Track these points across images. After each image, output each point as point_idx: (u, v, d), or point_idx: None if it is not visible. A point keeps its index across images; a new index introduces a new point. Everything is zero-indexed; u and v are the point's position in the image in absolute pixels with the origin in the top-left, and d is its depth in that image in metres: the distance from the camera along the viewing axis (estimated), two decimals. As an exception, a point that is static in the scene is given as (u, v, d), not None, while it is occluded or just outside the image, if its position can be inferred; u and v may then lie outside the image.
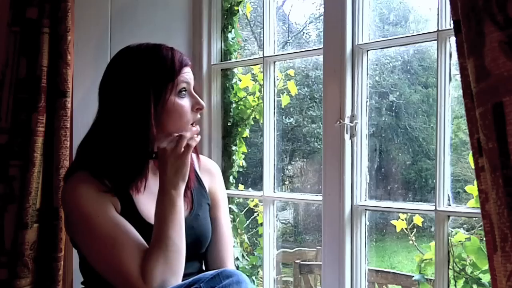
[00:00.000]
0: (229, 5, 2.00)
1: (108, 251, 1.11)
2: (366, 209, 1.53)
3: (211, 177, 1.37)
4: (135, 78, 1.17)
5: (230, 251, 1.35)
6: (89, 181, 1.16)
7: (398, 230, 2.14)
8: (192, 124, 1.21)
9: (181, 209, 1.15)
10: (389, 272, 2.93)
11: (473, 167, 0.86)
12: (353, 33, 1.52)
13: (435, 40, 1.37)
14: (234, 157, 2.00)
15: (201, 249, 1.29)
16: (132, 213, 1.18)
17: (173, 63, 1.19)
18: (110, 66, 1.24)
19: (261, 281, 1.93)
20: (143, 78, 1.17)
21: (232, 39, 2.00)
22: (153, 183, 1.22)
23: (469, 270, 1.64)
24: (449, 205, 1.35)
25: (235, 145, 2.02)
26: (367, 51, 1.54)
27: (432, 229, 1.40)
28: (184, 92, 1.20)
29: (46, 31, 1.62)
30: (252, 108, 2.07)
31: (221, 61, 1.99)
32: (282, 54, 1.85)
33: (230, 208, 1.95)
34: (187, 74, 1.21)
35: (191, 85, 1.22)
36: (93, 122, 1.26)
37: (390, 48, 1.61)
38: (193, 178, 1.28)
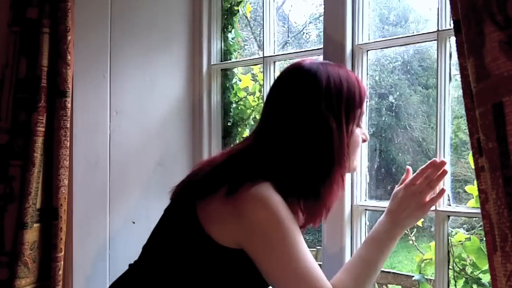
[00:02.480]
0: (229, 5, 2.00)
1: (303, 271, 1.06)
2: (366, 209, 1.53)
3: None
4: (330, 98, 1.11)
5: None
6: (278, 193, 1.08)
7: (398, 230, 2.13)
8: None
9: (388, 251, 1.20)
10: (389, 272, 2.93)
11: (473, 167, 0.85)
12: (353, 33, 1.52)
13: (435, 40, 1.37)
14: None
15: None
16: None
17: (361, 89, 1.16)
18: (293, 82, 1.15)
19: (261, 281, 1.92)
20: (338, 99, 1.12)
21: (232, 39, 2.00)
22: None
23: (469, 270, 1.64)
24: (449, 205, 1.35)
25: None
26: (367, 51, 1.54)
27: (432, 229, 1.39)
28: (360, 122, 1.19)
29: (46, 31, 1.62)
30: (252, 108, 2.07)
31: (221, 61, 1.99)
32: (282, 54, 1.85)
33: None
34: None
35: None
36: (264, 133, 1.16)
37: (390, 48, 1.60)
38: None
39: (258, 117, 2.06)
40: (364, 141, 1.22)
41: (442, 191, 1.25)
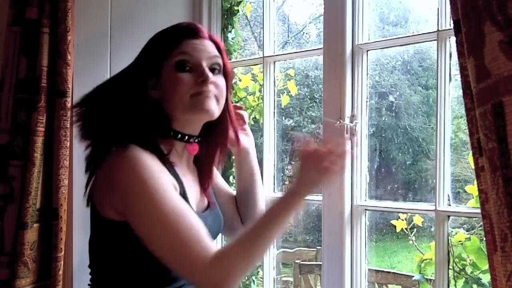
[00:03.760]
0: (229, 5, 2.00)
1: (175, 227, 1.02)
2: (366, 209, 1.53)
3: None
4: (144, 52, 1.19)
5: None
6: (147, 154, 1.07)
7: (398, 230, 2.14)
8: (196, 95, 1.11)
9: (280, 219, 1.07)
10: (389, 272, 2.94)
11: (473, 167, 0.86)
12: (353, 33, 1.52)
13: (435, 40, 1.37)
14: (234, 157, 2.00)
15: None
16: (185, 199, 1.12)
17: (173, 33, 1.15)
18: None
19: (261, 281, 1.93)
20: (143, 57, 1.19)
21: (232, 39, 2.00)
22: (191, 176, 1.20)
23: (469, 270, 1.64)
24: (449, 205, 1.35)
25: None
26: (367, 51, 1.54)
27: (432, 229, 1.40)
28: (181, 66, 1.12)
29: (46, 31, 1.62)
30: (252, 108, 2.07)
31: (221, 61, 1.98)
32: (282, 54, 1.85)
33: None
34: (190, 45, 1.13)
35: (199, 57, 1.12)
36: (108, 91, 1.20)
37: (390, 48, 1.60)
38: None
39: (258, 117, 2.06)
40: (203, 81, 1.11)
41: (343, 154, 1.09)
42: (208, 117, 1.14)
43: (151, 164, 1.06)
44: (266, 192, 1.78)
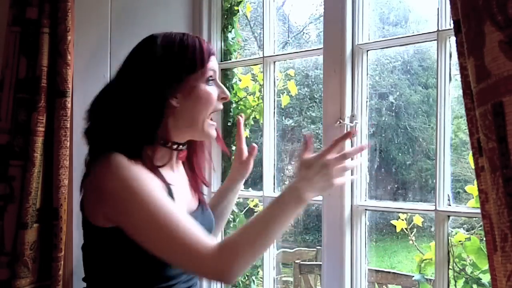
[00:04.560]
0: (229, 5, 2.00)
1: (170, 227, 1.03)
2: (366, 209, 1.53)
3: None
4: (161, 64, 1.16)
5: None
6: (130, 161, 1.09)
7: (398, 230, 2.15)
8: (210, 122, 1.21)
9: (291, 216, 1.11)
10: (389, 272, 2.94)
11: (473, 167, 0.86)
12: (353, 33, 1.52)
13: (435, 40, 1.37)
14: (234, 157, 2.00)
15: None
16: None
17: (202, 50, 1.19)
18: (138, 51, 1.23)
19: (261, 281, 1.93)
20: (168, 65, 1.16)
21: (232, 39, 2.00)
22: (178, 178, 1.24)
23: (469, 270, 1.64)
24: (449, 205, 1.35)
25: (235, 145, 2.02)
26: (367, 51, 1.54)
27: (432, 229, 1.39)
28: (211, 81, 1.20)
29: (46, 31, 1.62)
30: (252, 108, 2.07)
31: (221, 61, 1.99)
32: (282, 54, 1.85)
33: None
34: (214, 62, 1.21)
35: (217, 74, 1.23)
36: (108, 97, 1.22)
37: (390, 48, 1.60)
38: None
39: (258, 117, 2.06)
40: (224, 98, 1.22)
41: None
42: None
43: (135, 169, 1.08)
44: (266, 192, 1.78)
